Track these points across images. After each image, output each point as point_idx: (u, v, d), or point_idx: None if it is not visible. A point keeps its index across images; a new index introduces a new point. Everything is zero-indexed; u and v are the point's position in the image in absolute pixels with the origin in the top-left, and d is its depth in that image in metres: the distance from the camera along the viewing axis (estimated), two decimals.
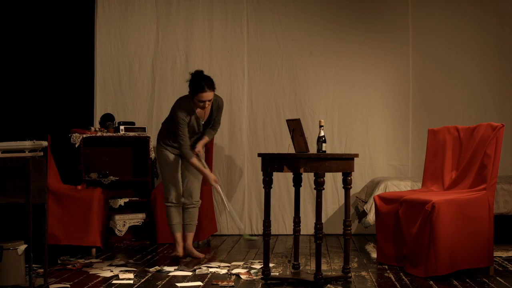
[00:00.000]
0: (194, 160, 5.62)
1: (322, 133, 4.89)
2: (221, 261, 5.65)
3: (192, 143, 5.71)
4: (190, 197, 5.81)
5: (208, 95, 5.50)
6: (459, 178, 5.32)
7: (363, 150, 7.48)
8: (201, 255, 5.79)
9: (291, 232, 5.24)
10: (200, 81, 5.49)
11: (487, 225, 4.97)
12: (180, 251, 5.80)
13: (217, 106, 5.75)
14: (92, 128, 6.74)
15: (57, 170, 6.43)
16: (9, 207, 4.48)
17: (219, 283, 4.70)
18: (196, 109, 5.62)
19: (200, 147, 5.71)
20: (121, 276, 4.92)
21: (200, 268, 5.21)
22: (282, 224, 7.46)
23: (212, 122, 5.81)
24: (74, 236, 6.04)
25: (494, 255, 5.33)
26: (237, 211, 7.37)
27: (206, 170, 5.68)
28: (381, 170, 7.53)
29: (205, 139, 5.79)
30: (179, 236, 5.84)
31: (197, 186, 5.84)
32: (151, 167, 6.88)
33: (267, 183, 4.77)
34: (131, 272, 5.07)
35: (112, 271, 5.12)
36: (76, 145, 6.56)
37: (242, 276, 4.90)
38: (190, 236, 5.88)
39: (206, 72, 7.36)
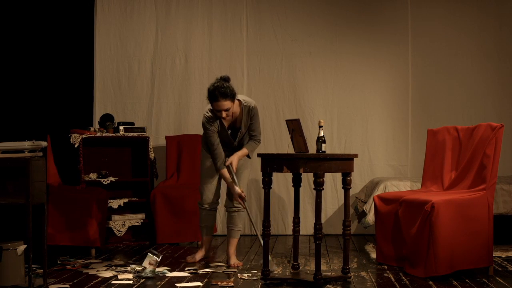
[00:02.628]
0: (223, 172, 5.38)
1: (322, 133, 4.89)
2: (221, 261, 5.65)
3: (228, 155, 5.44)
4: (231, 200, 5.53)
5: (222, 105, 5.20)
6: (459, 178, 5.33)
7: (363, 151, 7.49)
8: (236, 264, 5.44)
9: (291, 233, 5.24)
10: (213, 90, 5.22)
11: (486, 225, 4.97)
12: (196, 257, 5.61)
13: (247, 114, 5.40)
14: (92, 128, 6.74)
15: (57, 170, 6.43)
16: (9, 208, 4.48)
17: (219, 283, 4.70)
18: (223, 119, 5.36)
19: (233, 158, 5.37)
20: (120, 276, 4.92)
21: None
22: (281, 225, 7.46)
23: (250, 132, 5.45)
24: (74, 236, 6.04)
25: (493, 255, 5.33)
26: None
27: (233, 184, 5.38)
28: (381, 170, 7.53)
29: (243, 151, 5.43)
30: (206, 240, 5.66)
31: (243, 187, 5.52)
32: (151, 167, 6.88)
33: (267, 184, 4.77)
34: (130, 273, 5.07)
35: (111, 271, 5.13)
36: (76, 145, 6.55)
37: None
38: (232, 243, 5.55)
39: (205, 72, 7.50)
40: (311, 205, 7.39)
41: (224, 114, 5.24)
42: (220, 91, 5.20)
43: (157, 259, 5.01)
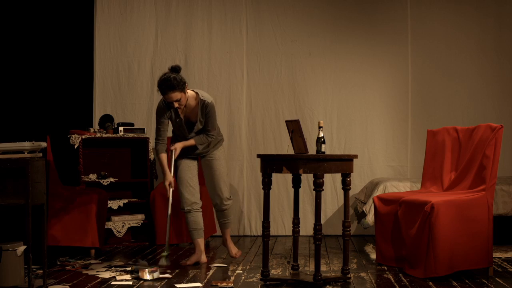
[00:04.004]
0: (161, 156, 5.46)
1: (321, 134, 4.89)
2: (221, 262, 5.65)
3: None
4: (219, 197, 5.56)
5: (171, 97, 5.23)
6: (458, 179, 5.33)
7: (362, 151, 7.49)
8: (237, 254, 5.69)
9: (290, 233, 5.25)
10: (160, 84, 5.26)
11: (486, 226, 4.97)
12: (192, 259, 5.52)
13: (201, 108, 5.40)
14: (91, 129, 6.74)
15: (56, 171, 6.43)
16: (9, 208, 4.48)
17: (218, 283, 4.70)
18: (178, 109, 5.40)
19: (177, 145, 5.44)
20: (118, 277, 4.91)
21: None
22: (281, 225, 7.46)
23: (206, 128, 5.48)
24: (73, 237, 6.03)
25: (493, 256, 5.33)
26: (236, 211, 7.38)
27: (167, 169, 5.44)
28: (380, 171, 7.53)
29: (190, 141, 5.46)
30: (197, 242, 5.57)
31: (222, 184, 5.56)
32: (150, 168, 6.88)
33: (266, 184, 4.77)
34: (128, 273, 5.06)
35: (111, 272, 5.12)
36: (75, 146, 6.56)
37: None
38: (227, 233, 5.74)
39: (205, 73, 7.51)
40: (310, 206, 7.39)
41: (176, 104, 5.27)
42: (167, 84, 5.22)
43: (149, 268, 4.99)
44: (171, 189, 5.46)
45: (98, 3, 7.43)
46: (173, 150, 5.45)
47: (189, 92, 5.40)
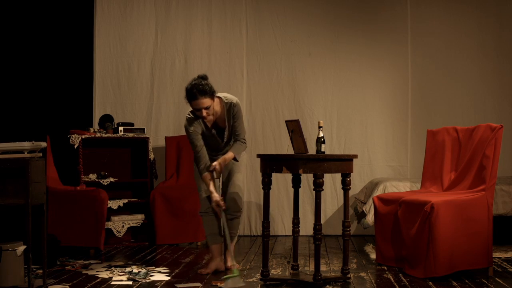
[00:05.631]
0: (205, 177, 5.10)
1: (321, 134, 4.89)
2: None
3: (217, 158, 5.16)
4: (230, 208, 5.22)
5: (201, 102, 4.93)
6: (458, 179, 5.33)
7: (362, 151, 7.49)
8: (232, 267, 5.02)
9: (290, 233, 5.24)
10: (191, 88, 4.96)
11: (486, 226, 4.97)
12: (210, 267, 5.22)
13: (228, 111, 5.11)
14: (91, 129, 6.74)
15: (56, 171, 6.43)
16: (8, 208, 4.48)
17: (218, 283, 4.70)
18: (204, 119, 5.06)
19: (217, 163, 5.07)
20: (115, 278, 4.91)
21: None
22: (281, 225, 7.46)
23: (234, 133, 5.17)
24: (73, 237, 6.04)
25: (493, 256, 5.33)
26: None
27: (213, 189, 5.09)
28: (380, 171, 7.53)
29: (229, 154, 5.13)
30: (213, 248, 5.29)
31: (236, 195, 5.26)
32: (150, 168, 6.88)
33: (266, 184, 4.77)
34: (126, 274, 5.05)
35: (111, 271, 5.12)
36: (75, 146, 6.56)
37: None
38: (229, 246, 5.26)
39: (205, 73, 7.44)
40: (310, 206, 7.39)
41: (204, 113, 4.97)
42: (198, 88, 4.93)
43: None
44: (221, 210, 5.09)
45: (98, 3, 7.43)
46: (213, 171, 5.09)
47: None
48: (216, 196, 5.07)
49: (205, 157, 5.11)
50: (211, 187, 5.08)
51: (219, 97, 5.12)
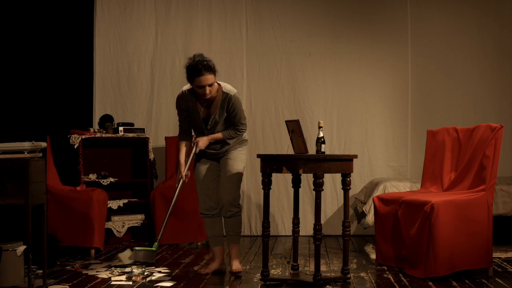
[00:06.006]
0: (180, 143, 5.08)
1: (321, 134, 4.89)
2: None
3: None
4: (222, 199, 5.03)
5: (206, 79, 4.77)
6: (458, 179, 5.33)
7: (362, 151, 7.49)
8: (236, 270, 5.01)
9: (290, 233, 5.23)
10: (195, 64, 4.78)
11: (486, 226, 4.97)
12: (210, 267, 5.15)
13: (222, 101, 4.95)
14: (91, 129, 6.74)
15: (56, 171, 6.43)
16: (8, 208, 4.48)
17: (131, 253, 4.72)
18: (197, 100, 4.95)
19: (202, 138, 4.99)
20: (114, 278, 4.91)
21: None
22: (281, 225, 7.46)
23: (234, 123, 5.02)
24: (73, 237, 6.03)
25: (493, 256, 5.33)
26: None
27: (183, 160, 5.02)
28: (380, 171, 7.53)
29: (217, 134, 5.00)
30: (215, 250, 5.17)
31: (230, 185, 5.01)
32: (150, 168, 6.88)
33: (266, 184, 4.77)
34: (124, 274, 5.05)
35: (111, 271, 5.12)
36: (75, 146, 6.56)
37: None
38: (232, 247, 5.10)
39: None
40: (310, 206, 7.39)
41: (207, 90, 4.81)
42: (203, 64, 4.79)
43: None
44: (181, 182, 5.00)
45: (98, 3, 7.42)
46: (196, 143, 5.00)
47: None
48: (182, 168, 5.01)
49: (187, 131, 5.11)
50: (182, 156, 5.05)
51: (218, 84, 4.99)
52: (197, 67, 4.79)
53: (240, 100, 5.03)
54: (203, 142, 5.00)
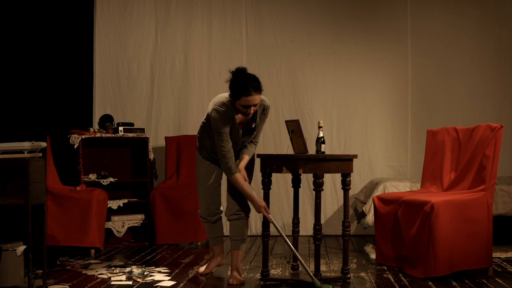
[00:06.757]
0: (239, 176, 4.66)
1: (321, 134, 4.89)
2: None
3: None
4: (233, 207, 4.86)
5: (254, 99, 4.50)
6: (458, 179, 5.33)
7: (362, 151, 7.49)
8: (235, 282, 4.75)
9: (290, 233, 5.23)
10: (244, 82, 4.49)
11: (486, 226, 4.97)
12: (210, 266, 5.07)
13: (262, 112, 4.76)
14: (91, 129, 6.74)
15: (56, 171, 6.43)
16: (8, 208, 4.48)
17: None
18: (237, 115, 4.68)
19: (242, 168, 4.76)
20: (114, 278, 4.91)
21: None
22: (281, 225, 7.45)
23: (254, 133, 4.82)
24: (73, 237, 6.03)
25: (493, 256, 5.33)
26: None
27: (254, 194, 4.72)
28: (380, 171, 7.53)
29: (246, 158, 4.79)
30: (214, 249, 5.09)
31: (242, 195, 4.81)
32: (150, 168, 6.88)
33: (266, 184, 4.77)
34: (123, 274, 5.04)
35: (111, 271, 5.12)
36: (75, 146, 6.56)
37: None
38: (235, 255, 4.86)
39: (205, 73, 7.50)
40: (310, 206, 7.39)
41: (252, 110, 4.54)
42: (255, 84, 4.51)
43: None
44: (269, 216, 4.76)
45: (98, 3, 7.42)
46: (245, 178, 4.77)
47: None
48: (261, 201, 4.70)
49: (233, 158, 4.67)
50: (250, 191, 4.70)
51: None
52: (247, 87, 4.49)
53: None
54: (245, 172, 4.80)
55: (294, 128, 4.84)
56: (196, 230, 6.59)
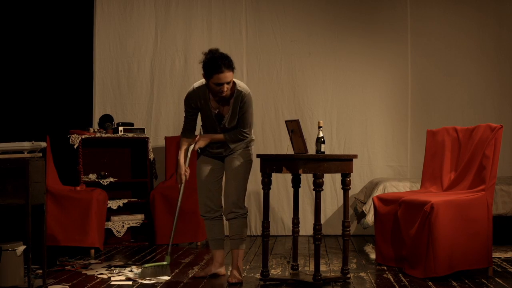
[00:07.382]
0: (182, 140, 4.91)
1: (321, 134, 4.89)
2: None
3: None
4: (226, 200, 4.86)
5: (226, 76, 4.56)
6: (458, 179, 5.33)
7: (362, 151, 7.49)
8: (234, 280, 4.75)
9: (290, 233, 5.23)
10: (216, 60, 4.57)
11: (486, 226, 4.97)
12: (206, 271, 5.01)
13: (235, 100, 4.73)
14: (91, 129, 6.74)
15: (56, 171, 6.43)
16: (8, 208, 4.48)
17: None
18: (212, 97, 4.74)
19: (202, 136, 4.85)
20: (113, 278, 4.91)
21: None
22: (281, 225, 7.46)
23: (239, 125, 4.81)
24: (73, 237, 6.03)
25: (492, 256, 5.33)
26: None
27: (182, 158, 4.86)
28: (380, 171, 7.53)
29: (219, 135, 4.82)
30: (214, 253, 5.01)
31: (234, 185, 4.83)
32: (150, 168, 6.88)
33: (266, 184, 4.77)
34: (123, 274, 5.05)
35: (111, 271, 5.12)
36: (75, 146, 6.56)
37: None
38: (235, 254, 4.85)
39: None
40: (310, 206, 7.39)
41: (225, 87, 4.60)
42: (225, 61, 4.59)
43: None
44: (183, 184, 4.87)
45: (98, 3, 7.42)
46: (196, 141, 4.86)
47: None
48: (183, 167, 4.85)
49: (191, 129, 4.93)
50: (182, 156, 4.87)
51: (233, 81, 4.75)
52: (217, 64, 4.57)
53: (251, 101, 4.81)
54: (204, 140, 4.84)
55: (294, 128, 4.84)
56: (196, 230, 6.59)
